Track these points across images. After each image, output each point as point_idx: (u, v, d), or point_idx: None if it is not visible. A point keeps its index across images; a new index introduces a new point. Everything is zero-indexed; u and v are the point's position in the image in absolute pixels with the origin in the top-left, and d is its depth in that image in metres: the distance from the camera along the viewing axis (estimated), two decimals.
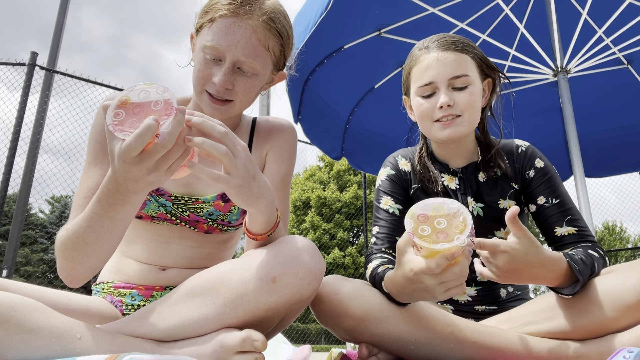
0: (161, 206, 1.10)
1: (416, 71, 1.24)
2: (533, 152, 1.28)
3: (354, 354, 1.15)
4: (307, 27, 2.76)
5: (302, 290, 0.86)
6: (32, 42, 75.55)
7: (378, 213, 1.30)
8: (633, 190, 7.94)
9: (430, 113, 1.21)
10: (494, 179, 1.27)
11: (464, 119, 1.20)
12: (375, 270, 1.11)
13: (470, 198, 1.26)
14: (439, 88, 1.20)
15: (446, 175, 1.30)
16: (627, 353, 0.84)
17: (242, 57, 1.02)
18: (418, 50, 1.27)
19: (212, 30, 1.02)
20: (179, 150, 0.74)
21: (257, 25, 1.02)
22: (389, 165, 1.36)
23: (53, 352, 0.76)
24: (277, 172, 1.18)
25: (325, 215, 20.73)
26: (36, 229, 19.96)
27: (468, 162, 1.30)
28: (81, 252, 0.87)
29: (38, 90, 4.39)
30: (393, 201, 1.29)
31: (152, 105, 0.73)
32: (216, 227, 1.15)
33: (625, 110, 3.68)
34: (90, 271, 0.92)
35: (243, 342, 0.81)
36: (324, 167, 23.11)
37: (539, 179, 1.24)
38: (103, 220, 0.83)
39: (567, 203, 1.20)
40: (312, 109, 3.45)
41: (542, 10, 3.29)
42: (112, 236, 0.86)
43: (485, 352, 1.02)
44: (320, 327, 15.58)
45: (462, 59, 1.20)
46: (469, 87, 1.19)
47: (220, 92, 1.04)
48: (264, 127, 1.23)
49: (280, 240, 0.91)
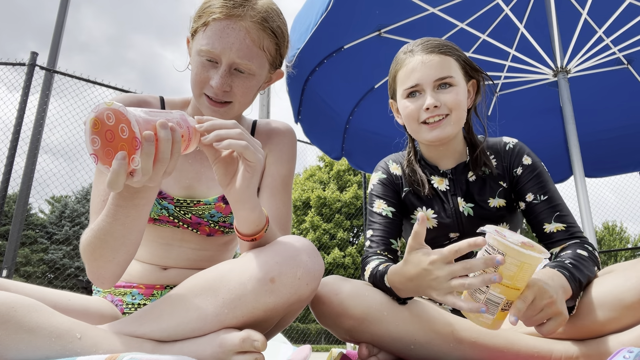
0: (164, 209, 1.10)
1: (402, 74, 1.26)
2: (521, 149, 1.28)
3: (354, 354, 1.15)
4: (307, 27, 2.76)
5: (300, 291, 0.86)
6: (31, 42, 75.67)
7: (372, 217, 1.31)
8: (633, 190, 7.93)
9: (417, 114, 1.23)
10: (482, 178, 1.27)
11: (451, 119, 1.21)
12: (375, 269, 1.11)
13: (460, 198, 1.27)
14: (425, 90, 1.21)
15: (436, 177, 1.31)
16: (627, 353, 0.84)
17: (237, 59, 1.02)
18: (403, 54, 1.28)
19: (207, 34, 1.03)
20: (175, 158, 0.75)
21: (251, 26, 1.03)
22: (381, 170, 1.38)
23: (53, 352, 0.76)
24: (277, 175, 1.18)
25: (325, 215, 20.74)
26: (36, 229, 19.96)
27: (457, 163, 1.31)
28: (110, 248, 0.88)
29: (38, 91, 4.39)
30: (386, 204, 1.31)
31: (119, 131, 0.70)
32: (218, 230, 1.16)
33: (625, 110, 3.68)
34: (120, 268, 0.93)
35: (243, 342, 0.81)
36: (324, 167, 23.11)
37: (527, 176, 1.24)
38: (129, 210, 0.84)
39: (556, 199, 1.20)
40: (312, 109, 3.45)
41: (542, 10, 3.29)
42: (138, 225, 0.87)
43: (484, 352, 1.02)
44: (320, 327, 15.58)
45: (446, 61, 1.22)
46: (454, 88, 1.21)
47: (219, 94, 1.05)
48: (264, 130, 1.24)
49: (279, 241, 0.91)
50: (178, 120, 0.78)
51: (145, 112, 0.73)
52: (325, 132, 3.70)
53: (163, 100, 1.20)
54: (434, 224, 1.29)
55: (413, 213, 1.32)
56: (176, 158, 0.75)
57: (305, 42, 2.78)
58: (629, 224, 29.74)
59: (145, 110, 0.74)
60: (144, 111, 0.73)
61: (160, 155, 0.72)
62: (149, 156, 0.70)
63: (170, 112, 0.78)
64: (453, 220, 1.26)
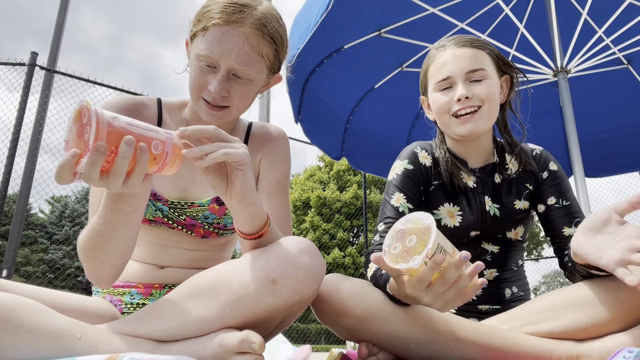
0: (158, 210, 1.11)
1: (433, 69, 1.26)
2: (547, 156, 1.32)
3: (354, 354, 1.15)
4: (307, 27, 2.76)
5: (302, 292, 0.86)
6: (29, 43, 75.65)
7: (386, 209, 1.24)
8: (633, 190, 7.93)
9: (448, 106, 1.22)
10: (509, 180, 1.29)
11: (483, 111, 1.20)
12: (379, 271, 1.10)
13: (487, 198, 1.27)
14: (456, 82, 1.21)
15: (464, 174, 1.29)
16: (627, 353, 0.84)
17: (236, 65, 1.02)
18: (434, 50, 1.28)
19: (206, 39, 1.02)
20: (136, 177, 0.75)
21: (250, 32, 1.02)
22: (407, 159, 1.28)
23: (53, 352, 0.76)
24: (273, 178, 1.18)
25: (325, 215, 20.74)
26: (36, 229, 19.96)
27: (485, 163, 1.31)
28: (103, 250, 0.89)
29: (38, 91, 4.39)
30: (405, 199, 1.24)
31: (84, 132, 0.71)
32: (212, 231, 1.16)
33: (625, 110, 3.68)
34: (115, 270, 0.93)
35: (242, 343, 0.81)
36: (324, 167, 23.11)
37: (551, 181, 1.27)
38: (115, 214, 0.84)
39: (575, 206, 1.24)
40: (312, 109, 3.45)
41: (542, 10, 3.29)
42: (127, 230, 0.88)
43: (485, 352, 1.02)
44: (320, 327, 15.59)
45: (478, 54, 1.22)
46: (486, 80, 1.20)
47: (217, 99, 1.05)
48: (258, 133, 1.25)
49: (281, 242, 0.91)
50: (159, 140, 0.76)
51: (128, 122, 0.73)
52: (325, 132, 3.70)
53: (160, 103, 1.20)
54: (457, 222, 1.26)
55: (437, 208, 1.28)
56: (138, 176, 0.75)
57: (305, 42, 2.78)
58: None
59: (130, 122, 0.74)
60: (128, 122, 0.73)
61: (114, 169, 0.72)
62: (94, 165, 0.69)
63: (156, 131, 0.77)
64: (477, 218, 1.25)
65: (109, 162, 0.72)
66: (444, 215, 1.28)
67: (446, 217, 1.27)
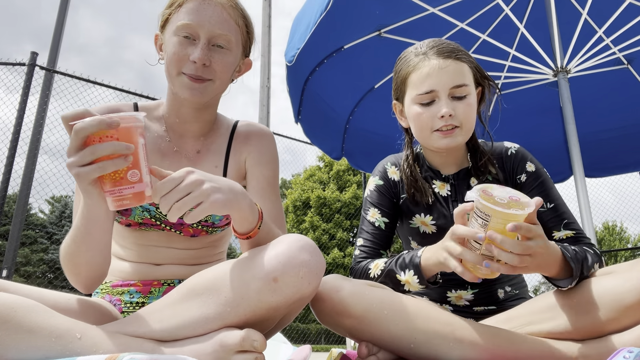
0: (145, 211, 1.12)
1: (415, 78, 1.21)
2: (523, 155, 1.27)
3: (354, 354, 1.15)
4: (307, 27, 2.76)
5: (302, 290, 0.87)
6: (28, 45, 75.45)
7: (364, 225, 1.30)
8: (632, 190, 7.95)
9: (430, 122, 1.20)
10: (484, 182, 1.26)
11: (462, 130, 1.20)
12: (389, 262, 1.13)
13: (461, 204, 1.26)
14: (439, 97, 1.18)
15: (438, 182, 1.30)
16: (627, 353, 0.84)
17: (217, 29, 1.08)
18: (415, 56, 1.23)
19: (183, 11, 1.08)
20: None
21: (225, 3, 1.11)
22: (378, 175, 1.34)
23: (53, 352, 0.76)
24: (262, 177, 1.19)
25: (325, 215, 20.74)
26: (36, 229, 19.96)
27: (459, 169, 1.30)
28: (73, 263, 0.95)
29: (38, 91, 4.38)
30: (380, 214, 1.29)
31: None
32: (201, 230, 1.17)
33: (625, 110, 3.68)
34: (91, 281, 0.99)
35: (243, 341, 0.81)
36: (323, 167, 23.12)
37: (532, 184, 1.23)
38: (79, 226, 0.90)
39: (562, 206, 1.20)
40: (312, 109, 3.45)
41: (542, 10, 3.29)
42: (88, 247, 0.92)
43: (484, 352, 1.02)
44: (320, 327, 15.58)
45: (461, 67, 1.19)
46: (467, 97, 1.19)
47: (199, 69, 1.08)
48: (243, 131, 1.25)
49: (281, 240, 0.91)
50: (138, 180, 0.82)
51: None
52: (325, 132, 3.70)
53: (137, 106, 1.22)
54: (433, 229, 1.28)
55: (411, 218, 1.31)
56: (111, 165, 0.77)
57: (305, 42, 2.78)
58: (628, 224, 29.71)
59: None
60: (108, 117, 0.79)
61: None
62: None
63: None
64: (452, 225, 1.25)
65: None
66: (419, 224, 1.30)
67: (422, 226, 1.30)
